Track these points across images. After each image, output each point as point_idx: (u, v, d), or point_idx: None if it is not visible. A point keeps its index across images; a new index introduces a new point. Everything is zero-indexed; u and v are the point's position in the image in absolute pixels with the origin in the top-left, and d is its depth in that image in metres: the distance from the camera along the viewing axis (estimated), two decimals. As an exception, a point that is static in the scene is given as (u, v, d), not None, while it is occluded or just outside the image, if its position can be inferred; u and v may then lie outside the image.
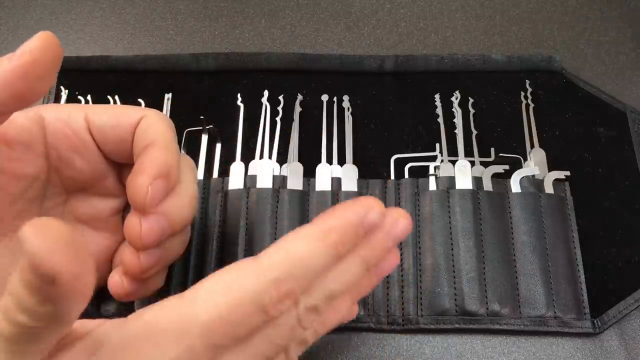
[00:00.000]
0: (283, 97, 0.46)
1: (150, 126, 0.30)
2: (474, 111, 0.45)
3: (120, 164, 0.33)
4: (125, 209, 0.35)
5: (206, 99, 0.46)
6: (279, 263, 0.22)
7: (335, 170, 0.42)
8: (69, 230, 0.17)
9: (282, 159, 0.43)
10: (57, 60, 0.24)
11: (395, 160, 0.43)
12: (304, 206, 0.41)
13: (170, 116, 0.45)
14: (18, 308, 0.18)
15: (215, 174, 0.43)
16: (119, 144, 0.31)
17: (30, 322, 0.18)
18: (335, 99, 0.46)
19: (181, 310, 0.21)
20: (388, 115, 0.45)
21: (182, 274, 0.39)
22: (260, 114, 0.45)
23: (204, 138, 0.44)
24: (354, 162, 0.43)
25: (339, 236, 0.23)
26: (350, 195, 0.41)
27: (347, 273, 0.24)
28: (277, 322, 0.22)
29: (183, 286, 0.38)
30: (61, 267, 0.17)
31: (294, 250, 0.22)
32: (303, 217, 0.40)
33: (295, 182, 0.41)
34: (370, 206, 0.23)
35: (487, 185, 0.41)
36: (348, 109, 0.45)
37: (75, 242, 0.17)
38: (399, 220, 0.24)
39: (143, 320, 0.22)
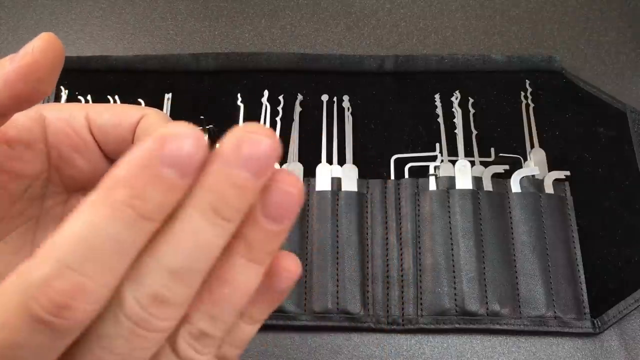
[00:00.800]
0: (283, 97, 0.46)
1: (151, 125, 0.30)
2: (474, 111, 0.45)
3: None
4: None
5: (206, 99, 0.46)
6: (48, 253, 0.15)
7: (335, 170, 0.42)
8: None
9: (282, 159, 0.43)
10: (59, 61, 0.23)
11: (395, 160, 0.43)
12: (304, 206, 0.41)
13: (170, 116, 0.45)
14: None
15: (215, 174, 0.43)
16: (120, 143, 0.30)
17: None
18: (335, 99, 0.46)
19: None
20: (388, 115, 0.45)
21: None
22: (260, 114, 0.45)
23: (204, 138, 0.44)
24: (354, 162, 0.43)
25: (128, 189, 0.15)
26: (350, 195, 0.41)
27: (191, 237, 0.16)
28: (99, 329, 0.16)
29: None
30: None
31: (70, 230, 0.15)
32: (303, 217, 0.40)
33: (295, 182, 0.41)
34: (166, 134, 0.15)
35: (487, 185, 0.41)
36: (348, 109, 0.45)
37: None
38: (244, 138, 0.16)
39: None
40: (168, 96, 0.46)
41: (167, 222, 0.16)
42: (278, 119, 0.45)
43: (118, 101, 0.46)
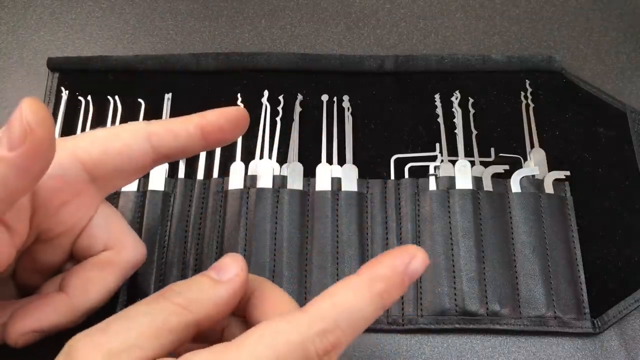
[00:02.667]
0: (283, 97, 0.46)
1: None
2: (474, 111, 0.45)
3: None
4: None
5: (206, 99, 0.46)
6: (326, 313, 0.23)
7: (335, 170, 0.42)
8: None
9: (282, 159, 0.43)
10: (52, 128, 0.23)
11: (395, 160, 0.43)
12: (304, 206, 0.41)
13: (170, 116, 0.45)
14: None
15: (215, 174, 0.43)
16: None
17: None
18: (335, 99, 0.46)
19: (227, 357, 0.22)
20: (388, 115, 0.45)
21: (180, 275, 0.39)
22: (260, 114, 0.45)
23: (204, 138, 0.44)
24: (354, 162, 0.43)
25: (386, 285, 0.23)
26: (350, 195, 0.41)
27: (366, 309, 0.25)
28: None
29: (183, 286, 0.38)
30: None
31: (341, 300, 0.23)
32: (303, 217, 0.40)
33: (295, 182, 0.41)
34: (413, 254, 0.24)
35: (487, 185, 0.41)
36: (348, 109, 0.45)
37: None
38: (416, 260, 0.25)
39: None
40: (168, 96, 0.46)
41: None
42: (278, 119, 0.45)
43: (118, 101, 0.45)
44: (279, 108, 0.45)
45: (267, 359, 0.22)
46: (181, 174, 0.43)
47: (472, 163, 0.43)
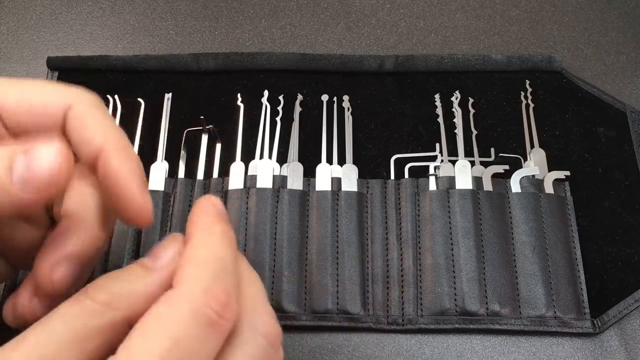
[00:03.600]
0: (283, 97, 0.46)
1: (90, 121, 0.25)
2: (474, 111, 0.45)
3: None
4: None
5: (206, 99, 0.46)
6: (197, 270, 0.21)
7: (335, 170, 0.42)
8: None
9: (282, 159, 0.43)
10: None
11: (395, 160, 0.43)
12: (304, 206, 0.41)
13: (170, 116, 0.45)
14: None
15: (215, 174, 0.43)
16: (32, 132, 0.25)
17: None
18: (335, 99, 0.46)
19: None
20: (388, 115, 0.45)
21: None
22: (260, 114, 0.45)
23: (204, 138, 0.44)
24: (354, 162, 0.43)
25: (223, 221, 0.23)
26: (350, 195, 0.41)
27: None
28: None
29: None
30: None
31: (203, 254, 0.22)
32: (303, 217, 0.40)
33: (295, 182, 0.41)
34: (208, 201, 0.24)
35: (487, 185, 0.41)
36: (348, 109, 0.45)
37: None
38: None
39: None
40: (168, 96, 0.46)
41: None
42: (278, 119, 0.45)
43: (118, 101, 0.45)
44: (279, 108, 0.45)
45: (172, 343, 0.19)
46: (181, 174, 0.43)
47: (472, 163, 0.43)
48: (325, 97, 0.46)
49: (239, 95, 0.46)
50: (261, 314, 0.23)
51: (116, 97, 0.46)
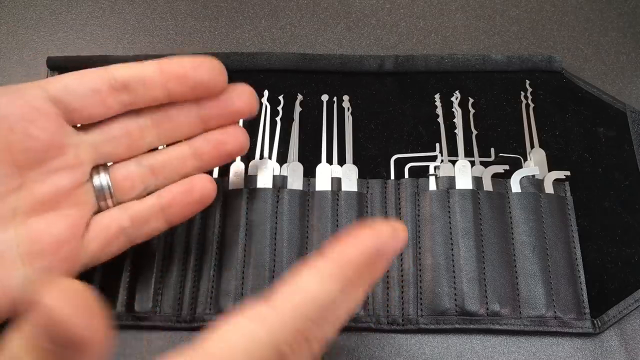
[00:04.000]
0: (283, 97, 0.46)
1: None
2: (474, 111, 0.45)
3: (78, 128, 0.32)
4: (90, 178, 0.33)
5: (206, 99, 0.46)
6: (297, 309, 0.21)
7: (335, 170, 0.42)
8: (89, 292, 0.17)
9: (282, 159, 0.43)
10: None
11: (395, 160, 0.43)
12: (304, 206, 0.41)
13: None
14: None
15: (215, 174, 0.43)
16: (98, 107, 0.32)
17: None
18: (335, 99, 0.46)
19: None
20: (388, 115, 0.45)
21: (181, 274, 0.39)
22: (260, 114, 0.45)
23: (204, 138, 0.44)
24: (354, 162, 0.43)
25: (356, 271, 0.21)
26: (350, 195, 0.41)
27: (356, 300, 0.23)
28: None
29: (182, 286, 0.38)
30: (89, 332, 0.17)
31: (309, 290, 0.21)
32: (303, 217, 0.40)
33: (295, 182, 0.41)
34: (387, 233, 0.22)
35: (487, 185, 0.41)
36: (348, 109, 0.45)
37: (95, 305, 0.17)
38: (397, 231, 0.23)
39: None
40: (168, 96, 0.46)
41: None
42: (278, 119, 0.45)
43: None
44: (279, 108, 0.45)
45: None
46: (181, 174, 0.42)
47: (472, 163, 0.43)
48: (325, 97, 0.46)
49: (239, 95, 0.46)
50: None
51: (116, 97, 0.46)
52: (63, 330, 0.16)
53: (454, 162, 0.42)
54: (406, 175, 0.43)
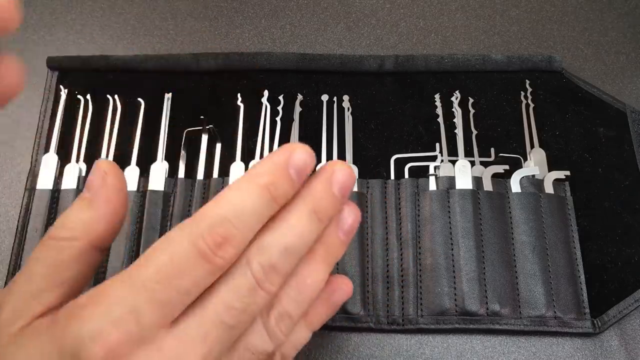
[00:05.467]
0: (283, 97, 0.46)
1: None
2: (474, 111, 0.45)
3: None
4: None
5: (206, 99, 0.46)
6: (210, 211, 0.22)
7: (335, 170, 0.42)
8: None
9: (282, 159, 0.43)
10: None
11: (395, 160, 0.43)
12: (304, 206, 0.41)
13: (170, 116, 0.45)
14: None
15: (215, 174, 0.43)
16: None
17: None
18: (335, 99, 0.46)
19: (125, 275, 0.22)
20: (388, 115, 0.45)
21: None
22: (260, 114, 0.45)
23: (204, 138, 0.44)
24: (354, 162, 0.43)
25: (269, 177, 0.23)
26: (350, 195, 0.41)
27: (299, 226, 0.24)
28: (232, 277, 0.23)
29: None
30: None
31: (225, 198, 0.23)
32: (303, 217, 0.40)
33: (295, 182, 0.41)
34: (293, 148, 0.24)
35: (487, 185, 0.41)
36: (348, 109, 0.45)
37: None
38: (336, 168, 0.25)
39: (88, 294, 0.22)
40: (168, 96, 0.46)
41: (283, 212, 0.24)
42: (278, 119, 0.45)
43: (118, 101, 0.45)
44: (279, 108, 0.45)
45: (165, 264, 0.22)
46: (181, 174, 0.43)
47: (472, 163, 0.43)
48: (325, 97, 0.46)
49: (239, 95, 0.46)
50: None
51: (116, 97, 0.46)
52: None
53: (454, 162, 0.42)
54: (406, 175, 0.43)
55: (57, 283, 0.24)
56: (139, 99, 0.45)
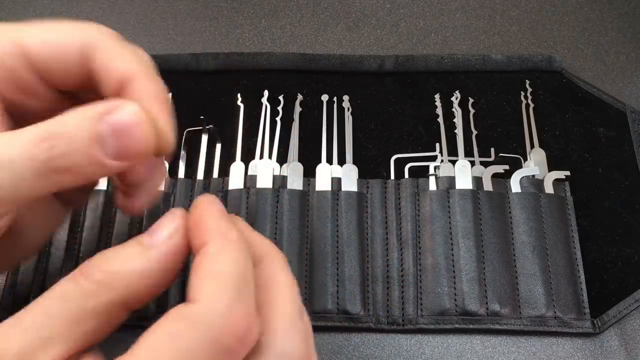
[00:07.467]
0: (283, 97, 0.46)
1: (114, 53, 0.26)
2: (474, 111, 0.45)
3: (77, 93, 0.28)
4: None
5: (206, 99, 0.46)
6: (220, 288, 0.20)
7: (335, 170, 0.42)
8: None
9: (282, 159, 0.43)
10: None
11: (395, 160, 0.43)
12: (304, 206, 0.41)
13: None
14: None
15: (215, 174, 0.43)
16: (69, 76, 0.25)
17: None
18: (335, 99, 0.46)
19: None
20: (388, 115, 0.45)
21: (182, 274, 0.39)
22: (260, 114, 0.45)
23: (204, 138, 0.44)
24: (354, 162, 0.43)
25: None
26: (350, 195, 0.41)
27: None
28: None
29: (183, 285, 0.38)
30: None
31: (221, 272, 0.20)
32: (303, 217, 0.40)
33: (296, 182, 0.41)
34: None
35: (487, 185, 0.41)
36: (348, 109, 0.45)
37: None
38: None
39: None
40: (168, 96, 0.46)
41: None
42: (278, 119, 0.45)
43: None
44: (279, 108, 0.45)
45: None
46: (181, 174, 0.43)
47: (472, 163, 0.43)
48: (325, 97, 0.46)
49: (239, 95, 0.46)
50: (289, 335, 0.21)
51: (116, 97, 0.46)
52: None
53: (454, 162, 0.42)
54: (406, 175, 0.43)
55: (72, 336, 0.20)
56: (139, 99, 0.45)
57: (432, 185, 0.42)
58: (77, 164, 0.21)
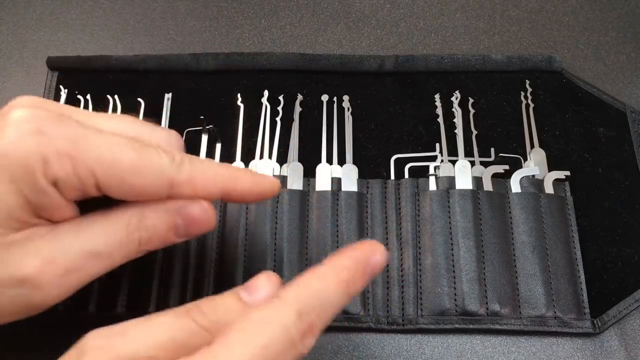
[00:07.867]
0: (283, 97, 0.46)
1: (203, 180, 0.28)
2: (474, 111, 0.45)
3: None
4: None
5: (206, 99, 0.46)
6: (300, 297, 0.24)
7: (335, 170, 0.42)
8: None
9: (282, 159, 0.43)
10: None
11: (395, 160, 0.43)
12: (304, 206, 0.41)
13: (170, 116, 0.45)
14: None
15: (215, 174, 0.43)
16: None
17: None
18: (335, 99, 0.46)
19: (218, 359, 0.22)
20: (388, 115, 0.45)
21: (182, 273, 0.39)
22: (260, 114, 0.45)
23: (204, 138, 0.44)
24: (354, 162, 0.43)
25: (349, 274, 0.25)
26: (350, 195, 0.41)
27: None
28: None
29: (183, 285, 0.38)
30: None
31: (311, 286, 0.24)
32: (303, 217, 0.40)
33: (295, 182, 0.41)
34: (374, 250, 0.26)
35: (487, 185, 0.41)
36: (348, 109, 0.45)
37: None
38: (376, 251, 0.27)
39: None
40: (168, 96, 0.46)
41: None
42: (278, 119, 0.45)
43: (118, 101, 0.45)
44: (279, 108, 0.45)
45: (260, 351, 0.22)
46: (181, 174, 0.42)
47: (472, 163, 0.43)
48: (325, 97, 0.46)
49: (239, 95, 0.46)
50: None
51: (116, 97, 0.46)
52: None
53: (454, 162, 0.42)
54: (406, 175, 0.43)
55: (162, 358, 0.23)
56: (139, 99, 0.45)
57: (432, 185, 0.42)
58: (155, 244, 0.28)
